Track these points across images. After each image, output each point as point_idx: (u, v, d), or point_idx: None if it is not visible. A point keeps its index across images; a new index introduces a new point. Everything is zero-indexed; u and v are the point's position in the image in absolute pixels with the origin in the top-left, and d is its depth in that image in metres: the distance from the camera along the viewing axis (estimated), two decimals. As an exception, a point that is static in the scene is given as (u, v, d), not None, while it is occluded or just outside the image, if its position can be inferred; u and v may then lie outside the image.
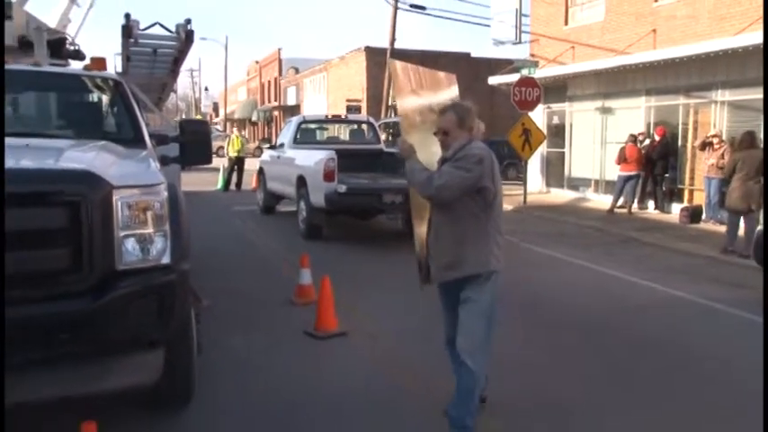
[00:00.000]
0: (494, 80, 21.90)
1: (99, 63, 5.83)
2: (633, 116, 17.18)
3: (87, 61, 6.17)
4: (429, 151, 4.26)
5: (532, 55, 21.59)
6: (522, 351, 5.74)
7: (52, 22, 7.56)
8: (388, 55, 25.21)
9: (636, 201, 15.89)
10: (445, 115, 4.01)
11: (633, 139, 15.49)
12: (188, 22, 6.51)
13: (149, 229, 3.71)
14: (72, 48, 7.11)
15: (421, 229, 4.36)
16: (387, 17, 26.83)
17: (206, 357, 4.85)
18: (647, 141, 15.88)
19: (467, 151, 3.86)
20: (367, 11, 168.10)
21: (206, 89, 77.38)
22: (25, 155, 4.07)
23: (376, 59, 34.78)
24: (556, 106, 20.58)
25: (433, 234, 4.10)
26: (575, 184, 20.01)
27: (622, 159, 15.43)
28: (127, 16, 6.28)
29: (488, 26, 22.19)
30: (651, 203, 16.08)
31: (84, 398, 3.58)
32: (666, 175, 15.70)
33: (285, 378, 5.02)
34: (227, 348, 5.59)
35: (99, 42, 14.36)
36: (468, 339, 3.93)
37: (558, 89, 19.93)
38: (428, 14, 25.27)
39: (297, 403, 4.59)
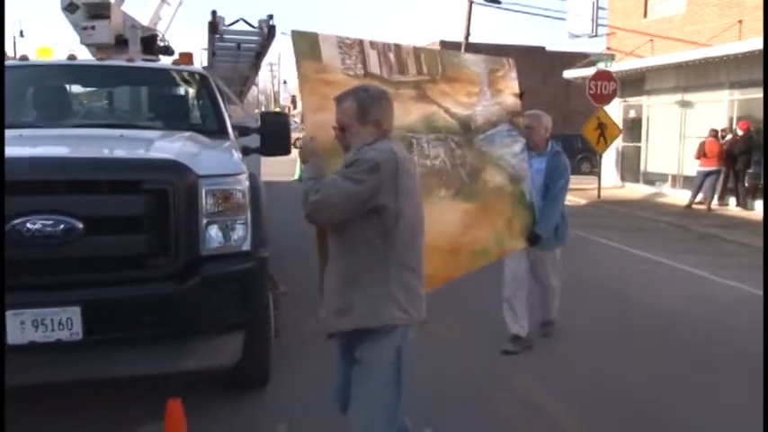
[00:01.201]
0: (569, 74, 21.58)
1: (186, 58, 6.08)
2: (715, 110, 16.63)
3: (176, 56, 6.45)
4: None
5: (609, 48, 21.13)
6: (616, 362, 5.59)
7: (144, 20, 7.89)
8: (462, 49, 25.02)
9: (716, 197, 15.40)
10: (342, 104, 2.93)
11: (714, 133, 15.02)
12: (270, 17, 6.68)
13: (231, 217, 3.87)
14: (162, 44, 7.44)
15: (320, 261, 3.18)
16: (462, 11, 26.68)
17: (282, 341, 5.00)
18: (729, 136, 15.36)
19: (361, 154, 2.81)
20: (442, 4, 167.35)
21: (284, 82, 78.50)
22: (119, 145, 4.33)
23: (450, 53, 34.48)
24: (632, 100, 20.10)
25: (327, 268, 3.05)
26: (651, 178, 19.52)
27: (702, 154, 14.99)
28: (213, 13, 6.50)
29: (564, 20, 21.84)
30: (732, 200, 15.55)
31: (168, 376, 3.76)
32: (749, 170, 15.12)
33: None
34: (303, 333, 5.74)
35: (187, 38, 14.91)
36: (359, 417, 2.92)
37: (634, 83, 19.46)
38: (503, 8, 24.91)
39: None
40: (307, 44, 3.37)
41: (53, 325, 3.47)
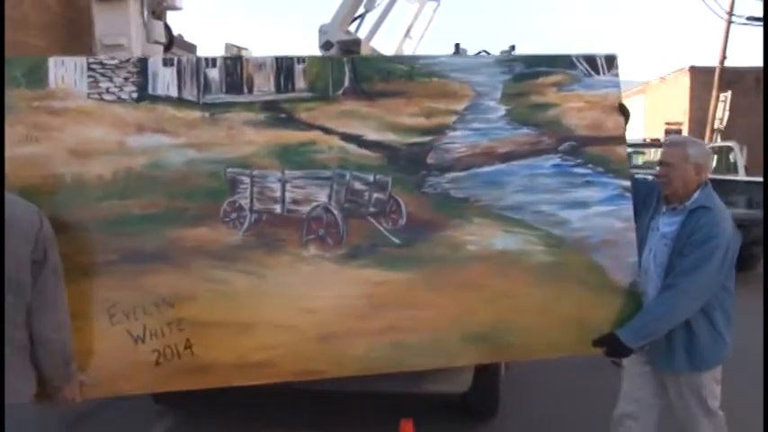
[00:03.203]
0: None
1: None
2: None
3: None
4: None
5: None
6: None
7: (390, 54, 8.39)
8: (717, 75, 23.17)
9: None
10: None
11: None
12: (512, 48, 6.74)
13: None
14: None
15: None
16: (717, 33, 24.59)
17: (512, 372, 4.95)
18: None
19: None
20: (693, 28, 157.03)
21: None
22: None
23: (702, 79, 32.31)
24: None
25: None
26: None
27: None
28: (456, 46, 6.72)
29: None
30: None
31: (401, 397, 3.84)
32: None
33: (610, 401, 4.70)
34: (532, 365, 5.63)
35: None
36: None
37: None
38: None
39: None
40: (23, 70, 2.82)
41: None
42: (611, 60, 3.24)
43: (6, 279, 2.26)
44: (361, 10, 9.64)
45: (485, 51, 6.90)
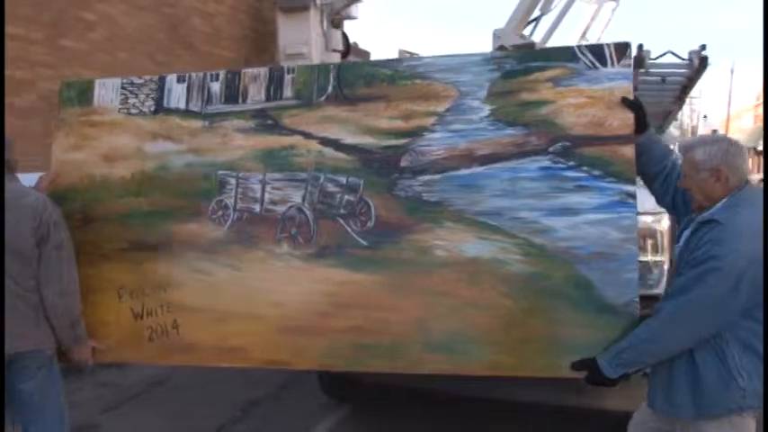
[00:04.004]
0: None
1: None
2: None
3: None
4: None
5: None
6: None
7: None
8: None
9: None
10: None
11: None
12: (702, 48, 5.93)
13: (649, 257, 3.61)
14: None
15: None
16: None
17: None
18: None
19: None
20: None
21: (705, 117, 66.94)
22: None
23: None
24: None
25: None
26: None
27: None
28: (639, 47, 6.15)
29: None
30: None
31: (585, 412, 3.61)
32: None
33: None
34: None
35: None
36: None
37: None
38: None
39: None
40: (76, 92, 3.41)
41: None
42: (622, 49, 2.82)
43: (15, 250, 2.89)
44: (536, 13, 9.21)
45: (671, 52, 6.23)
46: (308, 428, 4.53)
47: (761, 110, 59.06)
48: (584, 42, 9.13)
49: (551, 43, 8.33)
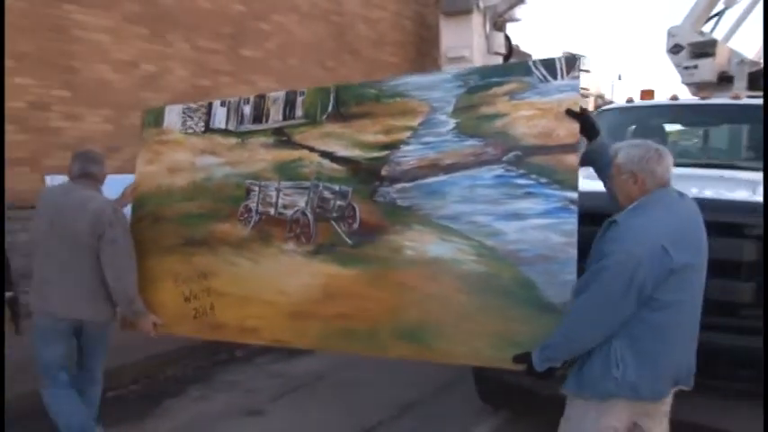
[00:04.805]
0: None
1: None
2: None
3: None
4: None
5: None
6: None
7: (751, 54, 7.45)
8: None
9: None
10: None
11: None
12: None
13: None
14: None
15: None
16: None
17: None
18: None
19: None
20: None
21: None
22: (721, 185, 4.22)
23: None
24: None
25: None
26: None
27: None
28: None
29: None
30: None
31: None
32: None
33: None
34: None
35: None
36: None
37: None
38: None
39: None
40: (153, 117, 4.25)
41: None
42: (571, 63, 3.04)
43: (80, 244, 3.69)
44: (719, 6, 8.28)
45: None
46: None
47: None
48: None
49: (735, 40, 7.52)
